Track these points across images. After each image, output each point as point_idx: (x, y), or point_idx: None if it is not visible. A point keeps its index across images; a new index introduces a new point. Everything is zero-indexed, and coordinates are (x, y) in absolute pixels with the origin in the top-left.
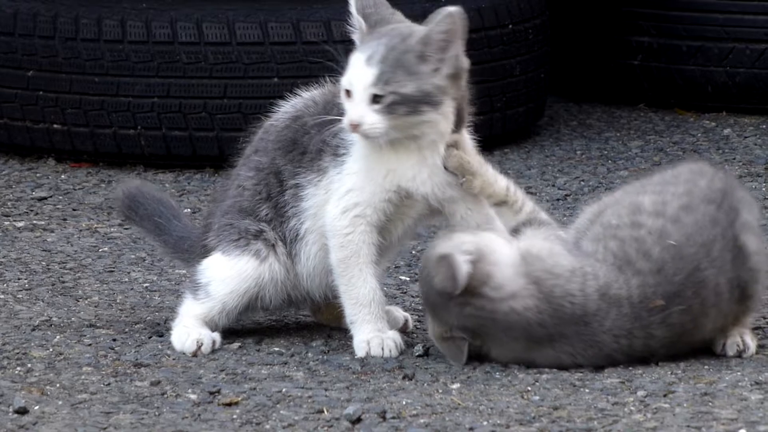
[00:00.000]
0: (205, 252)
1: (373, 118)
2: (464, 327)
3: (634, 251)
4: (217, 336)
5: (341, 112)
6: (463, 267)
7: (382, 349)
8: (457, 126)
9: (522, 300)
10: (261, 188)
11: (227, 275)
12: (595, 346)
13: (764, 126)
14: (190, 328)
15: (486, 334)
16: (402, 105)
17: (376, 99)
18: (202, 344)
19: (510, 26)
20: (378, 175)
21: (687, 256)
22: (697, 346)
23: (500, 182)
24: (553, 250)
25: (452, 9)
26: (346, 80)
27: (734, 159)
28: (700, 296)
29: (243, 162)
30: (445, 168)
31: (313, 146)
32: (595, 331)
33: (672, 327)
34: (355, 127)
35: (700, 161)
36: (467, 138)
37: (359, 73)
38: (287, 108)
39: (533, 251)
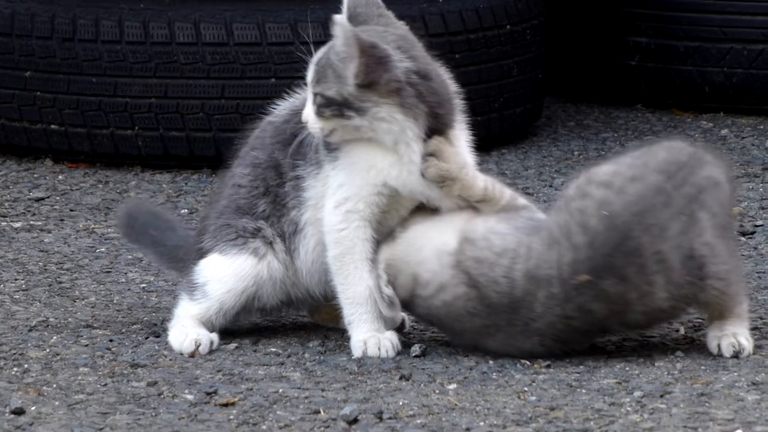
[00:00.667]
0: (201, 254)
1: (311, 118)
2: (430, 324)
3: (576, 224)
4: (215, 336)
5: None
6: (386, 294)
7: (379, 349)
8: (440, 128)
9: (452, 290)
10: (258, 183)
11: (224, 274)
12: (533, 335)
13: (761, 126)
14: (188, 328)
15: (440, 328)
16: (327, 107)
17: (315, 98)
18: (200, 344)
19: (508, 27)
20: (363, 170)
21: (618, 225)
22: (663, 318)
23: (479, 183)
24: (493, 230)
25: (336, 16)
26: None
27: (731, 159)
28: (635, 264)
29: (238, 162)
30: (423, 176)
31: (310, 138)
32: (525, 319)
33: (610, 299)
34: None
35: (681, 139)
36: (457, 136)
37: (308, 71)
38: (286, 105)
39: (469, 236)
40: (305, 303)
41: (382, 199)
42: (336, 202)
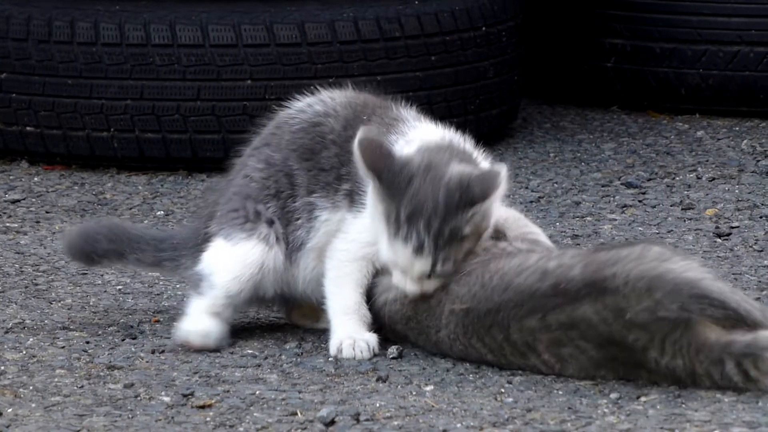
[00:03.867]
0: (206, 239)
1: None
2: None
3: None
4: (224, 329)
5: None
6: None
7: (354, 349)
8: None
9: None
10: (270, 183)
11: (231, 261)
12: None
13: (737, 128)
14: (197, 320)
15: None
16: None
17: None
18: (208, 337)
19: (483, 28)
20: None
21: None
22: None
23: None
24: None
25: None
26: None
27: (707, 161)
28: None
29: (251, 152)
30: None
31: (331, 168)
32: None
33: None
34: None
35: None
36: None
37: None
38: (304, 107)
39: None
40: (291, 301)
41: None
42: (350, 250)
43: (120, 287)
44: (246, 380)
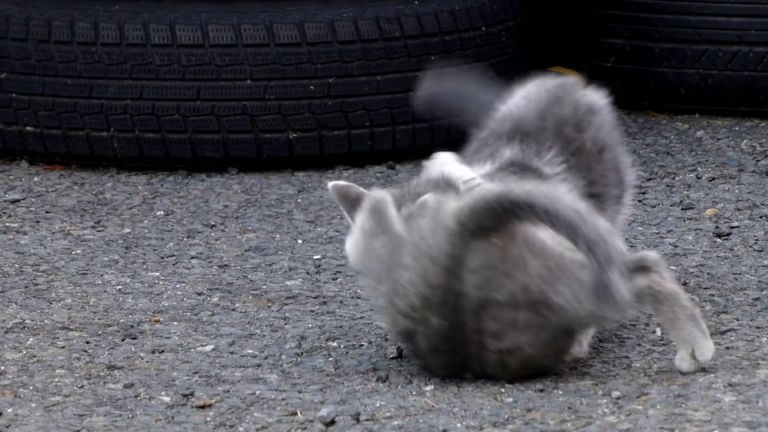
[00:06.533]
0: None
1: None
2: None
3: None
4: None
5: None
6: None
7: None
8: None
9: None
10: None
11: None
12: None
13: (737, 128)
14: None
15: None
16: None
17: None
18: None
19: (483, 28)
20: None
21: None
22: None
23: None
24: None
25: None
26: None
27: (707, 161)
28: None
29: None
30: None
31: None
32: None
33: None
34: None
35: None
36: None
37: None
38: (532, 104)
39: None
40: None
41: None
42: None
43: (120, 287)
44: (246, 380)
